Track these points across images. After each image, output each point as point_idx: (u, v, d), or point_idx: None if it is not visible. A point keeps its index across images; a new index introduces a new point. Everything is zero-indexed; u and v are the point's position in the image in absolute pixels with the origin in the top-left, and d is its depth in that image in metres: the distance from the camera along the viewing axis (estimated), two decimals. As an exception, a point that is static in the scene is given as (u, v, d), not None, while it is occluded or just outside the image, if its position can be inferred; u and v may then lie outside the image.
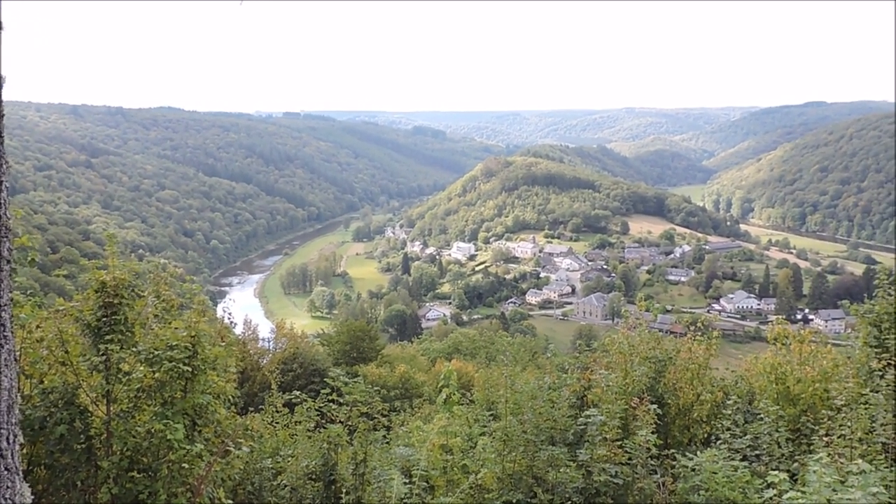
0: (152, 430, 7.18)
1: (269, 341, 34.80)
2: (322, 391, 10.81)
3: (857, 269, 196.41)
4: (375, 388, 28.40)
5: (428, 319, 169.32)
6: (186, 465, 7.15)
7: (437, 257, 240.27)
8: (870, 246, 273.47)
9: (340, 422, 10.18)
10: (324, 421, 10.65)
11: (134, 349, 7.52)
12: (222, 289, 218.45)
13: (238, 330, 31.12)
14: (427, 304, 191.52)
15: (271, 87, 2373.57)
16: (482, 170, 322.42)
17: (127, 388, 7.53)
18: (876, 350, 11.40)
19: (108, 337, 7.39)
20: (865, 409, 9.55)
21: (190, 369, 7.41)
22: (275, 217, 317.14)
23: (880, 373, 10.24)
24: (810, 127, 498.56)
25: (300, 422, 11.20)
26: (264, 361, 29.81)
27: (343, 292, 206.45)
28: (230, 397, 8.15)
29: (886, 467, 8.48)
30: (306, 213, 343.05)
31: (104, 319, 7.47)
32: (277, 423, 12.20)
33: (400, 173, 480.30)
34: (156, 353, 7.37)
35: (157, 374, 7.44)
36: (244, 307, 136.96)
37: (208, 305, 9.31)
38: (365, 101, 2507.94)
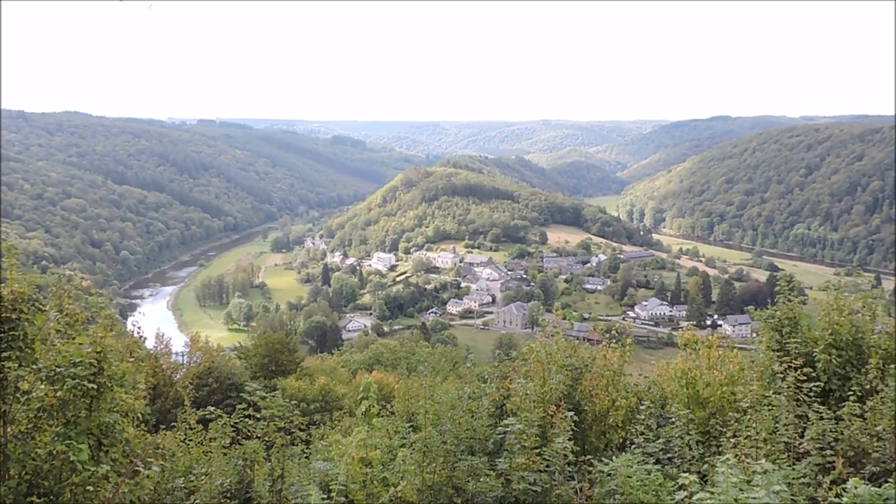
0: (54, 452, 6.80)
1: (182, 355, 33.74)
2: (238, 406, 10.52)
3: (762, 276, 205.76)
4: (294, 402, 27.94)
5: (348, 331, 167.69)
6: (91, 488, 6.81)
7: (358, 268, 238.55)
8: (772, 254, 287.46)
9: (257, 437, 9.92)
10: (240, 437, 10.35)
11: (34, 366, 7.12)
12: (133, 301, 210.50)
13: (149, 344, 30.02)
14: (347, 315, 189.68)
15: (185, 94, 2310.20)
16: (402, 180, 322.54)
17: (26, 408, 7.13)
18: (778, 354, 11.90)
19: (4, 354, 6.98)
20: (769, 410, 9.97)
21: (95, 387, 7.07)
22: (189, 227, 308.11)
23: (782, 375, 10.70)
24: (716, 140, 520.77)
25: (215, 438, 10.80)
26: (178, 376, 28.86)
27: (261, 304, 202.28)
28: (140, 415, 7.82)
29: (789, 465, 8.87)
30: (222, 224, 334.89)
31: (0, 336, 7.06)
32: (191, 440, 11.80)
33: (319, 183, 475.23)
34: (58, 370, 7.00)
35: (59, 393, 7.06)
36: (156, 320, 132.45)
37: (117, 319, 8.94)
38: (283, 109, 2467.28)
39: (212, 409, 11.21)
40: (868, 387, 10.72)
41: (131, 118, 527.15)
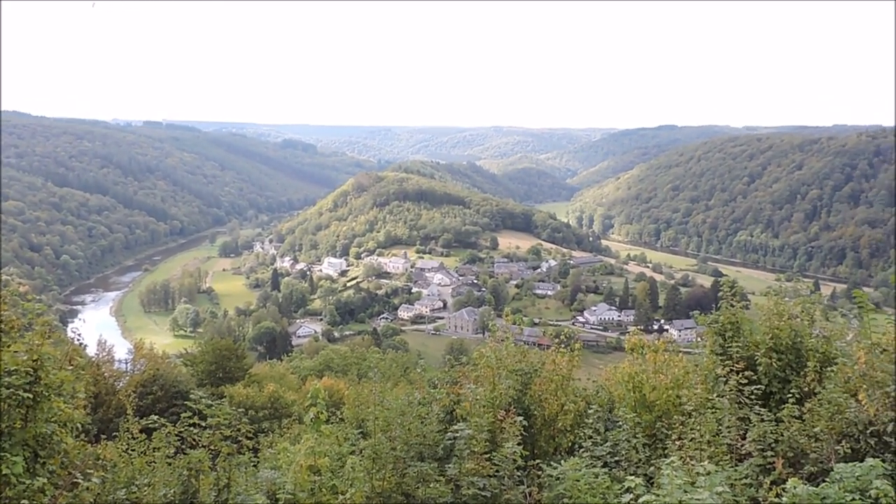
0: (-14, 465, 6.55)
1: (126, 363, 32.81)
2: (183, 415, 10.29)
3: (706, 281, 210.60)
4: (242, 410, 27.52)
5: (298, 336, 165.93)
6: (27, 502, 6.58)
7: (308, 273, 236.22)
8: (717, 260, 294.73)
9: (203, 446, 9.71)
10: (185, 446, 10.12)
11: (-35, 376, 6.84)
12: (74, 307, 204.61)
13: (91, 351, 29.16)
14: (297, 320, 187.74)
15: (131, 95, 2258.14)
16: (354, 185, 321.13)
17: (-44, 420, 6.83)
18: (721, 357, 12.16)
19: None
20: (713, 413, 10.18)
21: (31, 396, 6.83)
22: (134, 231, 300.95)
23: (724, 379, 10.94)
24: (663, 148, 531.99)
25: (159, 448, 10.53)
26: (121, 385, 28.08)
27: (208, 309, 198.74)
28: (79, 425, 7.58)
29: (731, 467, 9.07)
30: (168, 227, 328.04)
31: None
32: (133, 450, 11.50)
33: (269, 187, 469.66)
34: (-9, 379, 6.74)
35: (-8, 403, 6.80)
36: (98, 327, 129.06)
37: (55, 326, 8.66)
38: (232, 112, 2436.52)
39: (156, 417, 10.95)
40: (806, 389, 11.02)
41: (74, 119, 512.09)
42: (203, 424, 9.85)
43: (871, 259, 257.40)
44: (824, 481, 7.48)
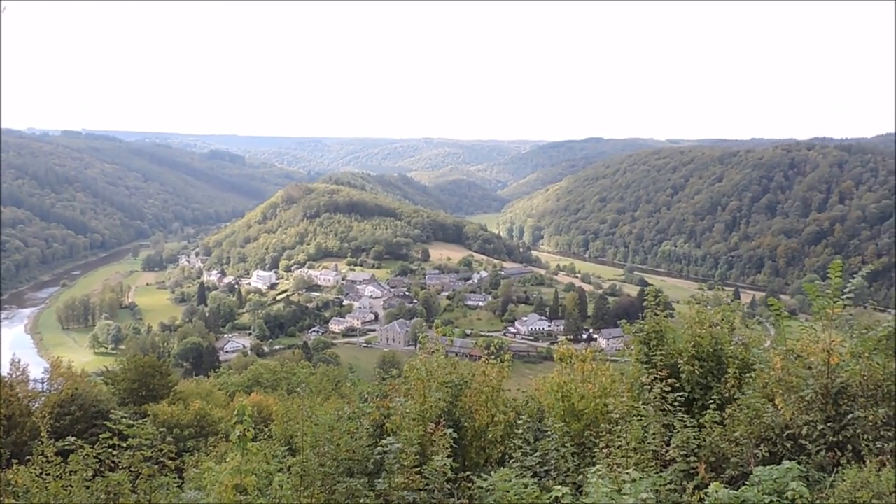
0: None
1: (42, 382, 31.42)
2: (102, 435, 9.89)
3: (633, 290, 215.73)
4: (167, 428, 26.65)
5: (226, 352, 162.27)
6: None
7: (236, 286, 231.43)
8: (643, 269, 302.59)
9: (123, 468, 9.35)
10: (103, 469, 9.72)
11: None
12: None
13: (3, 371, 27.83)
14: (225, 335, 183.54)
15: (47, 103, 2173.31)
16: (283, 196, 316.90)
17: None
18: (646, 366, 12.45)
19: None
20: (638, 420, 10.38)
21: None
22: (51, 245, 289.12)
23: (649, 387, 11.19)
24: (590, 160, 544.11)
25: (76, 471, 10.08)
26: (36, 406, 26.87)
27: (131, 325, 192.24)
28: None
29: (656, 473, 9.26)
30: (88, 241, 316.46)
31: None
32: (48, 474, 10.97)
33: (195, 199, 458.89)
34: None
35: None
36: (12, 345, 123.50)
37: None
38: (156, 121, 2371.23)
39: (73, 439, 10.48)
40: (727, 395, 11.38)
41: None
42: (123, 445, 9.49)
43: (788, 267, 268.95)
44: (744, 484, 7.71)
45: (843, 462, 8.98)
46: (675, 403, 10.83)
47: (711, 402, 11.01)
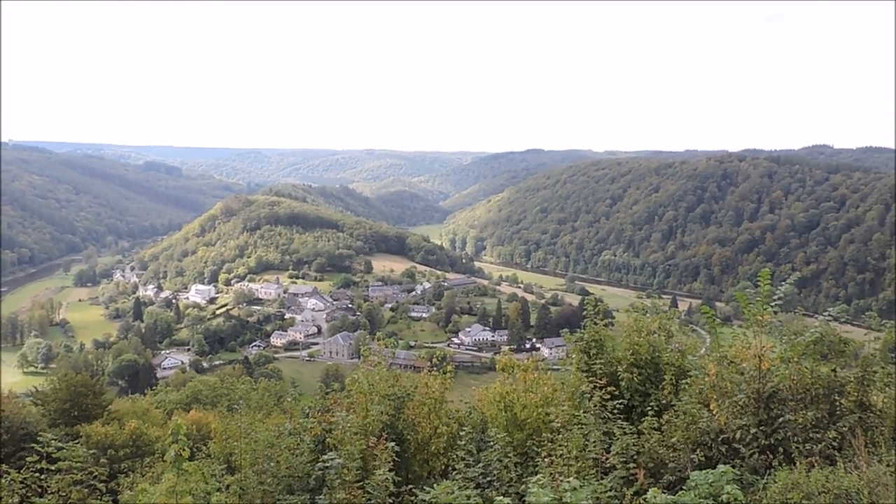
0: None
1: (-36, 405, 29.98)
2: (29, 459, 9.49)
3: (575, 300, 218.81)
4: (100, 450, 25.78)
5: (164, 368, 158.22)
6: None
7: (174, 301, 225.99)
8: (583, 279, 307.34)
9: (52, 493, 8.99)
10: (31, 494, 9.32)
11: None
12: None
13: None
14: (163, 351, 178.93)
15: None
16: (222, 208, 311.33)
17: None
18: (586, 374, 12.62)
19: None
20: (579, 429, 10.50)
21: None
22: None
23: (589, 395, 11.34)
24: (531, 171, 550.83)
25: (0, 498, 9.66)
26: (-42, 430, 25.65)
27: (62, 343, 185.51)
28: None
29: (597, 480, 9.37)
30: (16, 256, 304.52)
31: None
32: (-31, 503, 10.45)
33: (130, 212, 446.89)
34: None
35: None
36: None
37: None
38: (88, 132, 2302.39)
39: (-3, 464, 10.04)
40: (664, 401, 11.62)
41: None
42: (52, 469, 9.13)
43: (722, 275, 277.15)
44: (681, 489, 7.86)
45: (775, 464, 9.25)
46: (615, 411, 10.99)
47: (650, 408, 11.22)
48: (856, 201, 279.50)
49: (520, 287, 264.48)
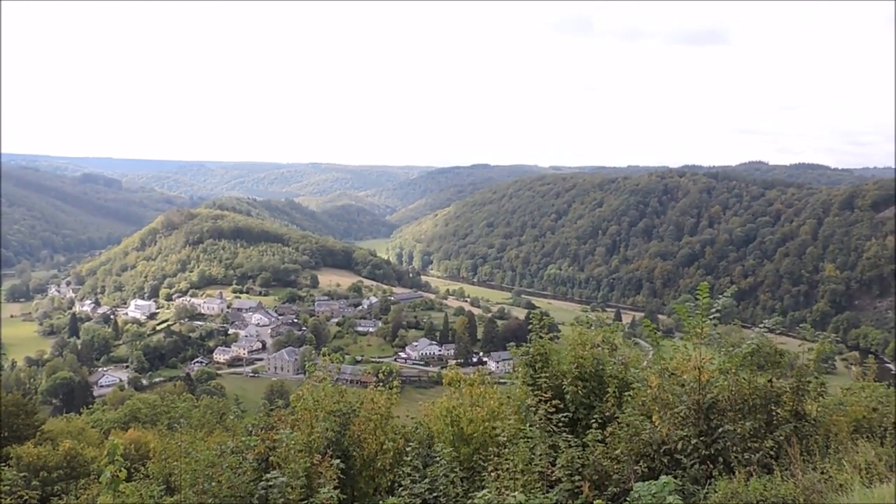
0: None
1: None
2: (-48, 484, 9.06)
3: (521, 313, 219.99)
4: (32, 472, 24.82)
5: (101, 386, 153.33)
6: None
7: (112, 317, 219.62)
8: (530, 292, 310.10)
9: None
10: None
11: None
12: None
13: None
14: (100, 369, 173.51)
15: None
16: (164, 222, 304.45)
17: None
18: (532, 388, 12.70)
19: None
20: (525, 442, 10.55)
21: None
22: None
23: (534, 408, 11.42)
24: (478, 186, 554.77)
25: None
26: None
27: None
28: None
29: (542, 493, 9.42)
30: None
31: None
32: None
33: (67, 225, 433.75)
34: None
35: None
36: None
37: None
38: (21, 142, 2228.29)
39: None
40: (608, 414, 11.77)
41: None
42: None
43: (665, 288, 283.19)
44: (625, 500, 7.96)
45: (715, 474, 9.44)
46: (560, 424, 11.09)
47: (594, 421, 11.35)
48: (790, 216, 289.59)
49: (467, 301, 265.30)
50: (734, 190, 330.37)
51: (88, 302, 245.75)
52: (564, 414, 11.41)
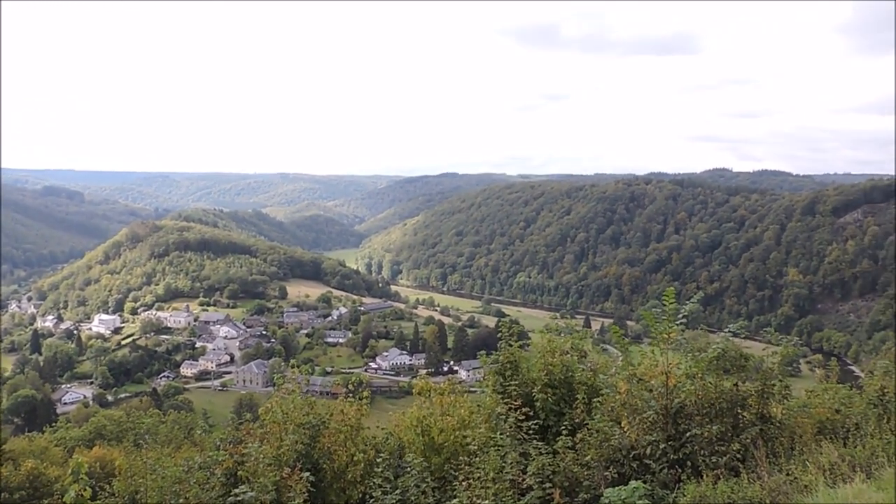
0: None
1: None
2: None
3: (491, 322, 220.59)
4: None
5: (64, 403, 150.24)
6: None
7: (76, 332, 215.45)
8: (499, 301, 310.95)
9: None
10: None
11: None
12: None
13: None
14: (63, 386, 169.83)
15: None
16: (128, 235, 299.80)
17: None
18: (501, 396, 12.73)
19: None
20: (496, 450, 10.57)
21: None
22: None
23: (504, 416, 11.44)
24: (446, 195, 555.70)
25: None
26: None
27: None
28: None
29: (513, 501, 9.43)
30: None
31: None
32: None
33: (28, 239, 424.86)
34: None
35: None
36: None
37: None
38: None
39: None
40: (578, 420, 11.83)
41: None
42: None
43: (633, 294, 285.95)
44: (596, 506, 8.01)
45: (683, 478, 9.54)
46: (531, 431, 11.12)
47: (564, 427, 11.40)
48: (754, 221, 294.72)
49: (436, 310, 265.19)
50: (699, 197, 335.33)
51: (51, 317, 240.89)
52: (535, 421, 11.44)
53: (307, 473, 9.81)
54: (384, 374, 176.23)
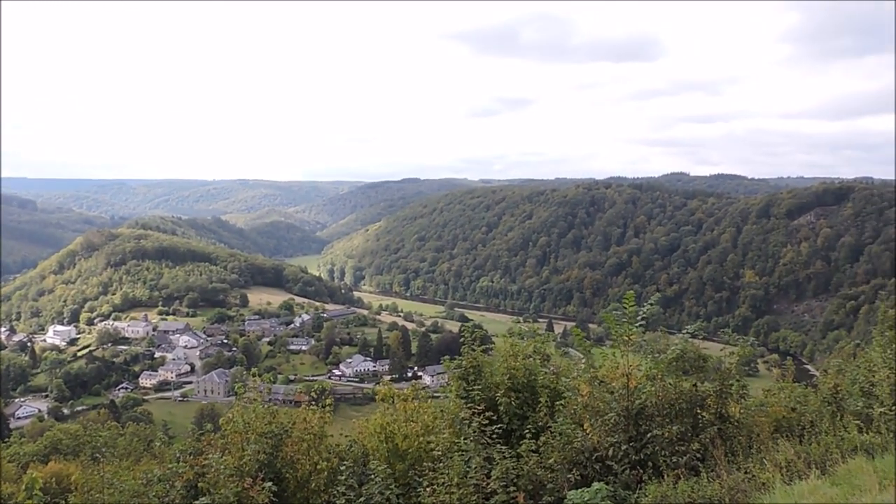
0: None
1: None
2: None
3: (455, 326, 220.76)
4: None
5: (18, 418, 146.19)
6: None
7: (29, 344, 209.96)
8: (463, 305, 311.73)
9: None
10: None
11: None
12: None
13: None
14: (17, 400, 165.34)
15: None
16: (83, 243, 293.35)
17: None
18: (465, 401, 12.75)
19: None
20: (460, 456, 10.58)
21: None
22: None
23: (468, 421, 11.46)
24: (408, 200, 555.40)
25: None
26: None
27: None
28: None
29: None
30: None
31: None
32: None
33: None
34: None
35: None
36: None
37: None
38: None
39: None
40: (541, 423, 11.90)
41: None
42: None
43: (594, 298, 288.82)
44: (560, 509, 8.06)
45: (645, 478, 9.66)
46: (494, 435, 11.15)
47: (527, 431, 11.47)
48: (711, 224, 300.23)
49: (400, 316, 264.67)
50: (658, 200, 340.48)
51: (3, 329, 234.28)
52: (498, 425, 11.48)
53: (269, 483, 9.70)
54: (348, 380, 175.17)
